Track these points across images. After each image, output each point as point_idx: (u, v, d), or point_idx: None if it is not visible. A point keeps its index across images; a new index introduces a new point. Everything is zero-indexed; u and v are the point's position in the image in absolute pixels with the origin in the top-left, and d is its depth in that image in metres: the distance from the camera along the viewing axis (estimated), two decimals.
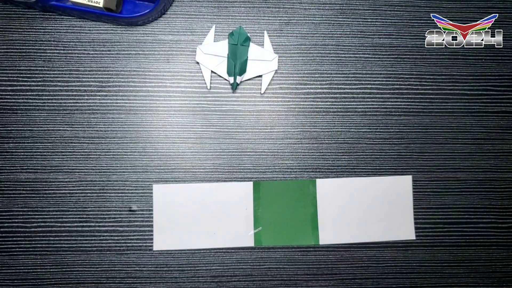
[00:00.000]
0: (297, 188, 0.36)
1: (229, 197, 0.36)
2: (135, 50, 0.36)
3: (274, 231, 0.36)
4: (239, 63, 0.35)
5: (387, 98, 0.37)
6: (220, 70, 0.36)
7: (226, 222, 0.36)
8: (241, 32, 0.36)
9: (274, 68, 0.36)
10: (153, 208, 0.35)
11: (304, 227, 0.36)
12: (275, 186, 0.36)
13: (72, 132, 0.36)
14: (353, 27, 0.37)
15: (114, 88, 0.36)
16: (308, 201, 0.36)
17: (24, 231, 0.35)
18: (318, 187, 0.36)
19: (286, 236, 0.36)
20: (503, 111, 0.38)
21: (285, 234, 0.36)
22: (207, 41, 0.36)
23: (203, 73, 0.36)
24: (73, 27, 0.36)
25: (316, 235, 0.36)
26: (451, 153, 0.38)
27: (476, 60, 0.38)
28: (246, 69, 0.36)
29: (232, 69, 0.35)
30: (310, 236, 0.36)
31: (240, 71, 0.35)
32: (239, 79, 0.35)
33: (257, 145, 0.37)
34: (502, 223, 0.38)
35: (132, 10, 0.35)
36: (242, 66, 0.35)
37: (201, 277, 0.36)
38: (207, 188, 0.36)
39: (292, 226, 0.36)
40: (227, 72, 0.35)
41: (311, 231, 0.36)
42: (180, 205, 0.35)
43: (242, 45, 0.35)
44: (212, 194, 0.36)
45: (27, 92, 0.36)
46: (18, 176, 0.35)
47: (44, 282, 0.35)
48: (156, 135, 0.36)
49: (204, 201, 0.36)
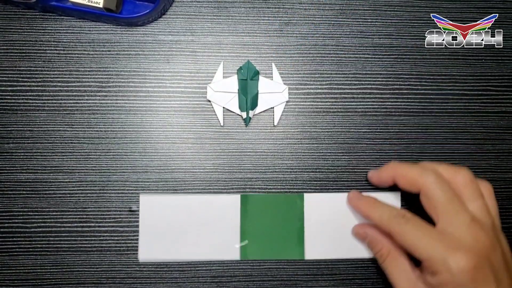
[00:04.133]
0: (284, 202, 0.36)
1: (217, 209, 0.36)
2: (135, 50, 0.36)
3: (260, 245, 0.36)
4: (250, 98, 0.35)
5: (387, 98, 0.37)
6: (232, 106, 0.36)
7: (213, 234, 0.35)
8: (250, 67, 0.36)
9: (285, 100, 0.36)
10: (139, 218, 0.35)
11: (289, 241, 0.36)
12: (263, 199, 0.36)
13: (72, 133, 0.36)
14: (353, 27, 0.37)
15: (114, 88, 0.36)
16: (295, 215, 0.36)
17: (24, 231, 0.35)
18: (306, 201, 0.36)
19: (271, 250, 0.36)
20: (503, 111, 0.38)
21: (271, 247, 0.36)
22: (216, 79, 0.36)
23: (215, 111, 0.36)
24: (73, 27, 0.36)
25: (302, 249, 0.36)
26: (451, 153, 0.38)
27: (476, 60, 0.38)
28: (257, 103, 0.36)
29: (244, 104, 0.35)
30: (295, 251, 0.36)
31: (252, 105, 0.35)
32: (252, 114, 0.36)
33: (257, 145, 0.37)
34: (502, 223, 0.38)
35: (132, 10, 0.35)
36: (254, 100, 0.36)
37: (201, 277, 0.36)
38: (195, 199, 0.36)
39: (278, 240, 0.36)
40: (239, 107, 0.35)
41: (297, 246, 0.36)
42: (167, 216, 0.35)
43: (252, 80, 0.36)
44: (200, 206, 0.36)
45: (27, 92, 0.36)
46: (18, 176, 0.35)
47: (44, 282, 0.35)
48: (156, 135, 0.36)
49: (192, 212, 0.36)
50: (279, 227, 0.36)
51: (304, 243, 0.36)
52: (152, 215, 0.35)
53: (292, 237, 0.36)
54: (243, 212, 0.36)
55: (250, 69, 0.36)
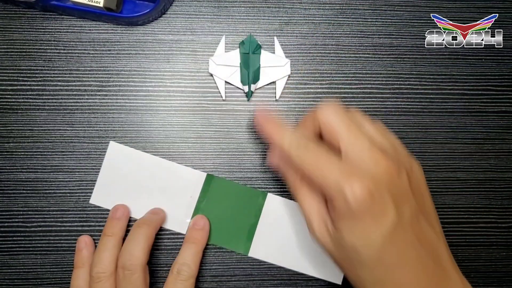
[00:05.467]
0: (247, 194, 0.36)
1: (180, 180, 0.35)
2: (135, 50, 0.36)
3: (210, 229, 0.35)
4: (252, 72, 0.35)
5: (387, 98, 0.37)
6: (234, 79, 0.36)
7: (167, 202, 0.35)
8: (252, 41, 0.36)
9: (287, 73, 0.36)
10: (102, 163, 0.35)
11: (239, 233, 0.36)
12: (226, 185, 0.36)
13: (72, 132, 0.36)
14: (353, 27, 0.37)
15: (114, 88, 0.36)
16: (253, 211, 0.36)
17: (24, 231, 0.35)
18: (268, 200, 0.36)
19: (219, 237, 0.36)
20: (503, 111, 0.38)
21: (220, 234, 0.36)
22: (218, 52, 0.36)
23: (217, 84, 0.36)
24: (73, 27, 0.36)
25: (248, 245, 0.36)
26: (451, 153, 0.38)
27: (476, 60, 0.38)
28: (259, 77, 0.36)
29: (246, 78, 0.35)
30: (241, 245, 0.36)
31: (254, 79, 0.35)
32: (253, 87, 0.35)
33: (257, 145, 0.37)
34: (502, 223, 0.38)
35: (132, 10, 0.35)
36: (256, 74, 0.35)
37: (201, 277, 0.36)
38: (162, 163, 0.35)
39: (229, 229, 0.36)
40: (241, 81, 0.35)
41: (245, 240, 0.36)
42: (129, 170, 0.35)
43: (254, 53, 0.36)
44: (164, 171, 0.35)
45: (28, 92, 0.36)
46: (18, 175, 0.36)
47: (44, 282, 0.35)
48: (156, 135, 0.36)
49: (154, 174, 0.35)
50: (234, 217, 0.36)
51: (252, 240, 0.36)
52: (116, 164, 0.35)
53: (243, 231, 0.36)
54: (204, 191, 0.36)
55: (252, 42, 0.36)
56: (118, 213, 0.34)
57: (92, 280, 0.32)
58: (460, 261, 0.37)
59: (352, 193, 0.25)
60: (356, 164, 0.26)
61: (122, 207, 0.35)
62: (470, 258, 0.37)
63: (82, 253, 0.34)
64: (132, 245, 0.32)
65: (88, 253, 0.34)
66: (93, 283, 0.31)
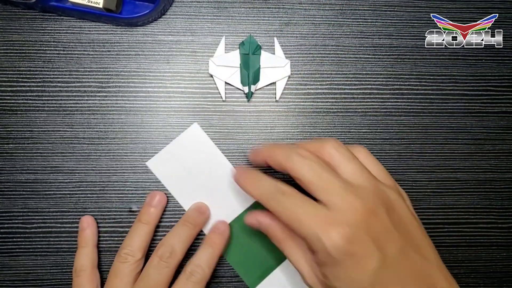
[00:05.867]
0: None
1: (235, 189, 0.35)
2: (135, 50, 0.36)
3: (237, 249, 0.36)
4: (252, 72, 0.35)
5: (387, 98, 0.37)
6: (234, 80, 0.36)
7: (213, 204, 0.36)
8: (252, 41, 0.36)
9: (287, 74, 0.36)
10: (179, 136, 0.36)
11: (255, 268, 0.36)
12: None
13: (72, 133, 0.36)
14: (353, 28, 0.37)
15: (114, 89, 0.36)
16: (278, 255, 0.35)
17: (24, 232, 0.35)
18: None
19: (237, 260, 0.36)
20: (503, 111, 0.38)
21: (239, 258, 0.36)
22: (218, 53, 0.36)
23: (217, 85, 0.36)
24: (73, 27, 0.36)
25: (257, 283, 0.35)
26: (451, 153, 0.38)
27: (476, 60, 0.38)
28: (259, 78, 0.36)
29: (246, 79, 0.35)
30: (252, 279, 0.35)
31: (254, 80, 0.35)
32: (254, 88, 0.35)
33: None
34: (502, 223, 0.38)
35: (132, 10, 0.35)
36: (256, 75, 0.35)
37: None
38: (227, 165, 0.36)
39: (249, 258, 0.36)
40: (241, 82, 0.35)
41: (256, 277, 0.35)
42: (195, 155, 0.36)
43: (254, 54, 0.36)
44: (226, 175, 0.36)
45: (27, 93, 0.36)
46: (18, 176, 0.35)
47: (45, 283, 0.35)
48: (156, 135, 0.36)
49: (215, 171, 0.36)
50: (259, 249, 0.36)
51: (263, 280, 0.35)
52: (188, 144, 0.36)
53: (260, 267, 0.36)
54: (253, 207, 0.35)
55: (252, 43, 0.36)
56: (155, 200, 0.35)
57: (119, 258, 0.32)
58: (460, 262, 0.37)
59: (330, 242, 0.25)
60: (331, 210, 0.26)
61: (159, 195, 0.35)
62: (470, 258, 0.37)
63: (85, 232, 0.34)
64: (175, 240, 0.33)
65: (91, 232, 0.35)
66: (118, 262, 0.32)
